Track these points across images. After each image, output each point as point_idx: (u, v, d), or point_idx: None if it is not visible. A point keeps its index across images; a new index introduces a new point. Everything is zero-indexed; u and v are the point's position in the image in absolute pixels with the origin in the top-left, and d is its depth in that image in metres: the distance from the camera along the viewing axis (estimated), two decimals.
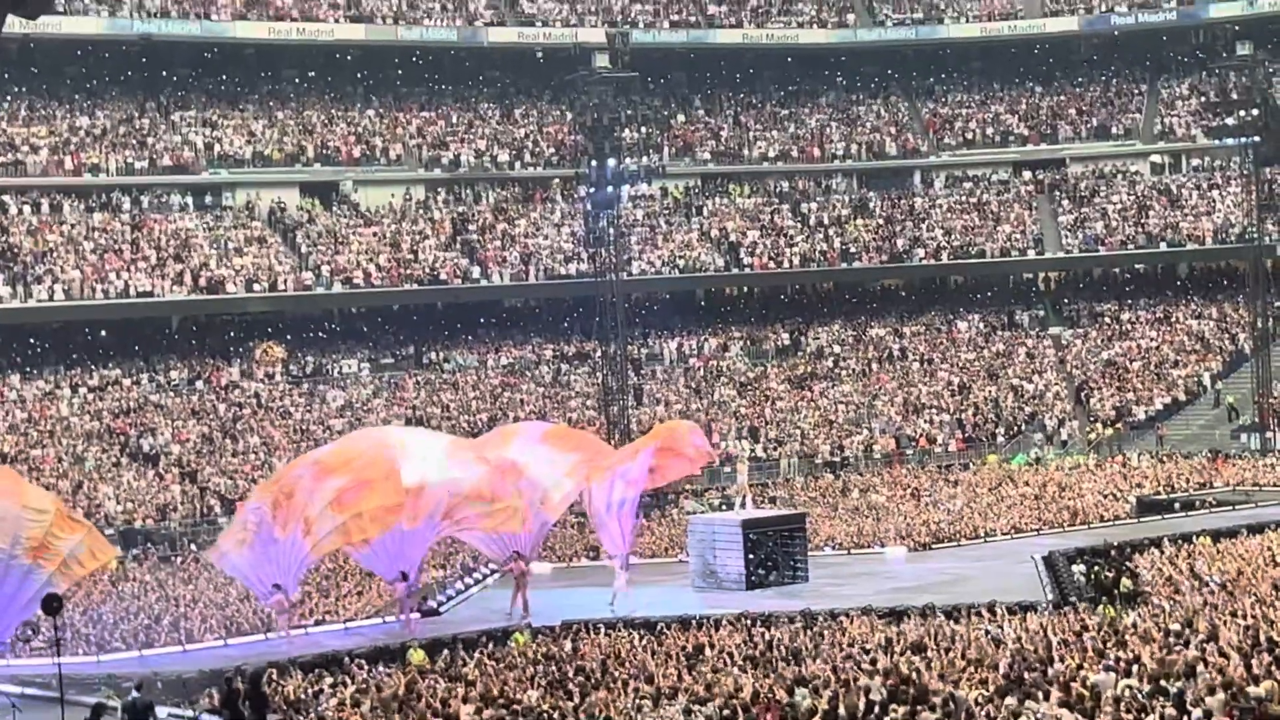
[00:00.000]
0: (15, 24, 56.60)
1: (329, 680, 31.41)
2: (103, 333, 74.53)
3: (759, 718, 23.32)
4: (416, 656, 34.66)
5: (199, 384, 73.09)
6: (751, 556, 44.98)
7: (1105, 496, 57.90)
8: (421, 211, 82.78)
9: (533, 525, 41.42)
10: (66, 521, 32.71)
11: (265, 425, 70.28)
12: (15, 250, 72.13)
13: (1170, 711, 20.86)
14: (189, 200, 79.03)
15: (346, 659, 34.03)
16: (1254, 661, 23.93)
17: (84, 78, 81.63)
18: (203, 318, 76.38)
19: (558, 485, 42.57)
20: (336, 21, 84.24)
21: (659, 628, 36.26)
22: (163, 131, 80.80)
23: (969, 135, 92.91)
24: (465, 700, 26.48)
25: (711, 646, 32.18)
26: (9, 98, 79.01)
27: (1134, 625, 30.03)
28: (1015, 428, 75.58)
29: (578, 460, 43.66)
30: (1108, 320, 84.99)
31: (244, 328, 77.17)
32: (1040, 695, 22.57)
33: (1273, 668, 23.19)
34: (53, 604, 28.36)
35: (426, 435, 48.52)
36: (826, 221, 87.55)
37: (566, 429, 54.39)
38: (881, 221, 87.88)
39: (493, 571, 49.70)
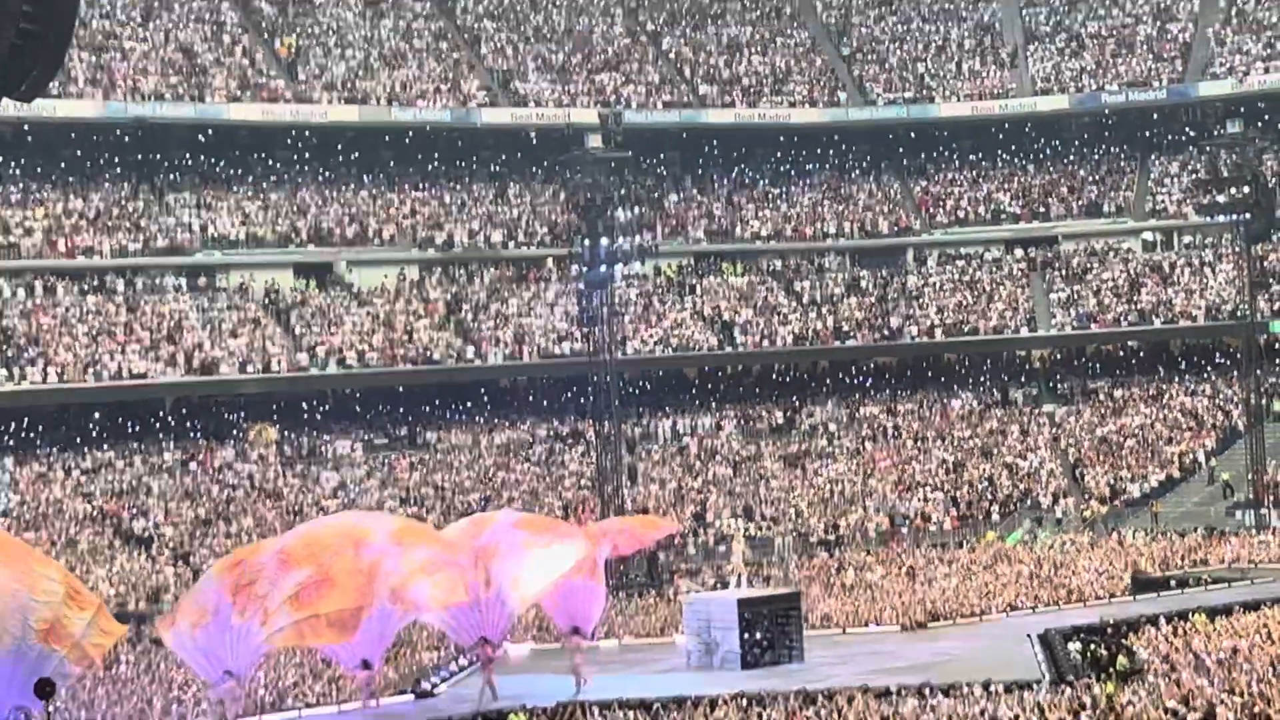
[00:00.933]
0: (10, 107, 56.73)
1: None
2: (96, 415, 74.42)
3: None
4: None
5: (192, 465, 72.93)
6: (747, 636, 44.79)
7: (1101, 574, 57.74)
8: (415, 291, 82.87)
9: (494, 608, 40.61)
10: (76, 597, 32.27)
11: (258, 507, 70.10)
12: (9, 333, 72.14)
13: None
14: (183, 282, 79.12)
15: None
16: None
17: (78, 160, 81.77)
18: (196, 399, 76.30)
19: (528, 573, 41.85)
20: (330, 103, 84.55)
21: (655, 708, 36.09)
22: (157, 213, 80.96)
23: (961, 213, 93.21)
24: None
25: None
26: (3, 181, 79.14)
27: (1131, 703, 29.92)
28: (1010, 505, 75.51)
29: (548, 546, 42.93)
30: (1101, 397, 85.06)
31: (238, 409, 77.11)
32: None
33: None
34: (45, 689, 28.20)
35: (389, 520, 47.59)
36: (819, 299, 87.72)
37: (538, 517, 53.72)
38: (874, 299, 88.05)
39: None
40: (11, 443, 71.41)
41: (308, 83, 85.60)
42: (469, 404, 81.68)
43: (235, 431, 76.21)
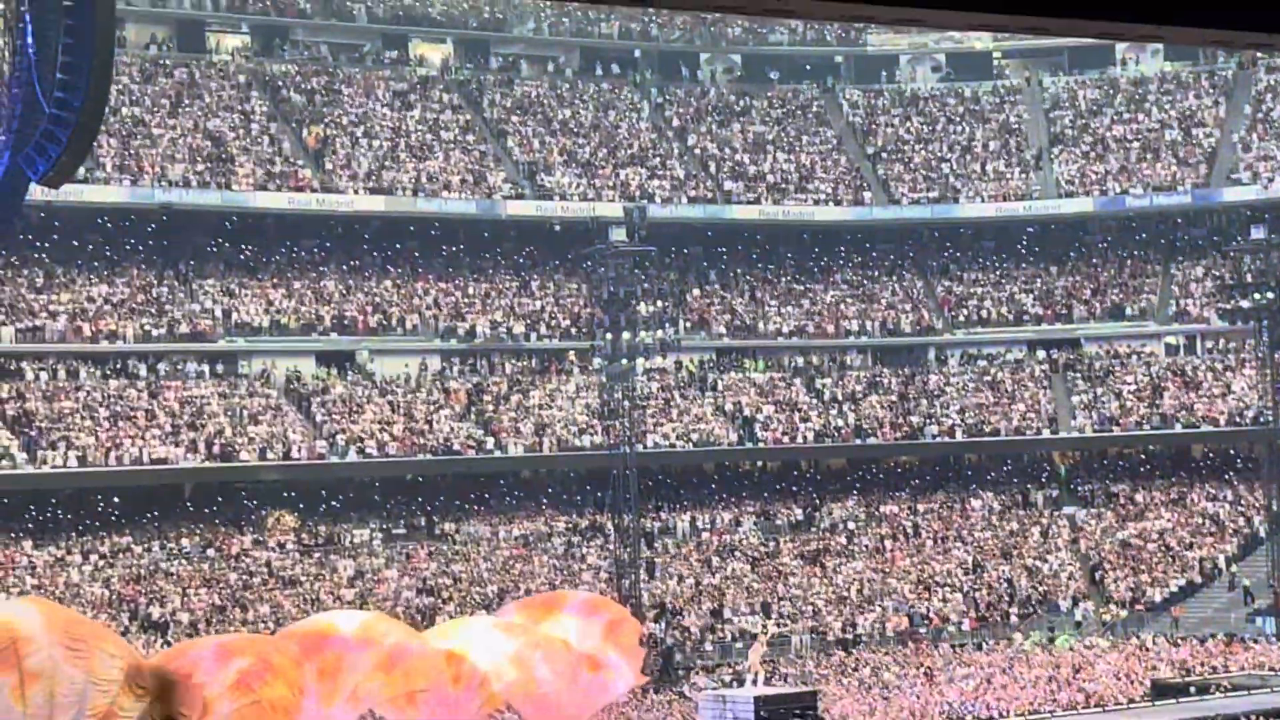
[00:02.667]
0: (38, 192, 57.26)
1: None
2: (115, 499, 74.45)
3: None
4: None
5: (210, 552, 72.89)
6: None
7: (1120, 679, 57.43)
8: (436, 382, 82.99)
9: (466, 710, 39.83)
10: (133, 685, 31.78)
11: (275, 594, 70.01)
12: (30, 416, 72.28)
13: None
14: (205, 368, 79.29)
15: None
16: None
17: (103, 245, 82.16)
18: (216, 485, 76.32)
19: (498, 671, 41.12)
20: (356, 193, 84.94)
21: None
22: (181, 299, 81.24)
23: (984, 313, 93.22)
24: None
25: None
26: (29, 264, 79.49)
27: None
28: (1029, 607, 75.18)
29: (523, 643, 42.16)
30: (1122, 500, 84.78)
31: (257, 496, 77.11)
32: None
33: None
34: None
35: (357, 615, 46.41)
36: (841, 397, 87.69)
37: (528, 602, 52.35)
38: (896, 398, 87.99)
39: None
40: (31, 526, 71.42)
41: (334, 172, 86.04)
42: (488, 495, 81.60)
43: (254, 518, 76.18)
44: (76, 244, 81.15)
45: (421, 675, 36.70)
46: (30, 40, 44.18)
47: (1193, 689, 55.62)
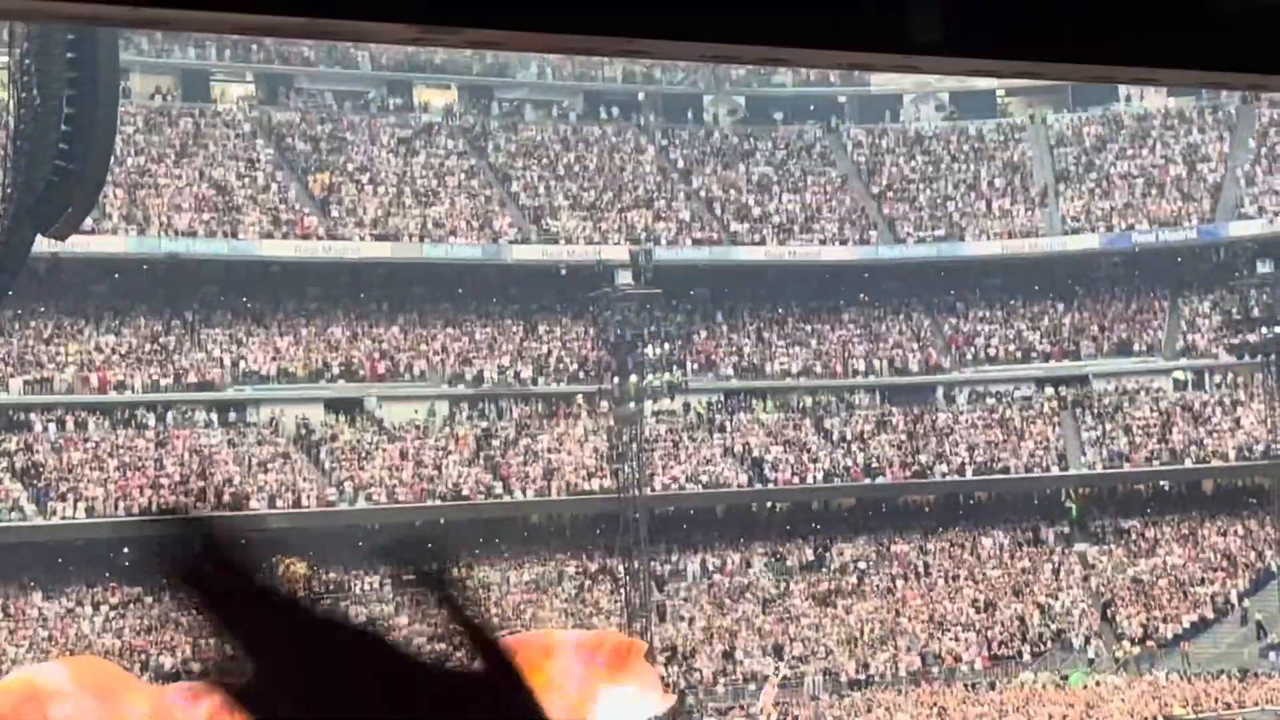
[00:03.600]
0: (44, 244, 57.30)
1: None
2: (125, 550, 74.36)
3: None
4: None
5: None
6: None
7: (1133, 716, 57.26)
8: (445, 428, 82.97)
9: None
10: None
11: None
12: (39, 467, 72.31)
13: None
14: (214, 416, 79.31)
15: None
16: None
17: (110, 295, 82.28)
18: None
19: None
20: (362, 239, 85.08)
21: None
22: (188, 349, 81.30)
23: (991, 351, 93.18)
24: None
25: None
26: (36, 316, 79.60)
27: None
28: (1041, 645, 75.00)
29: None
30: (1133, 537, 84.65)
31: (266, 545, 76.44)
32: None
33: None
34: None
35: None
36: (850, 437, 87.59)
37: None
38: (905, 437, 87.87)
39: None
40: (41, 578, 71.39)
41: (340, 219, 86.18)
42: (497, 540, 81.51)
43: (263, 567, 75.84)
44: (84, 295, 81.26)
45: None
46: (35, 92, 44.31)
47: None
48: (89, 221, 76.53)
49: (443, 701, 2.74)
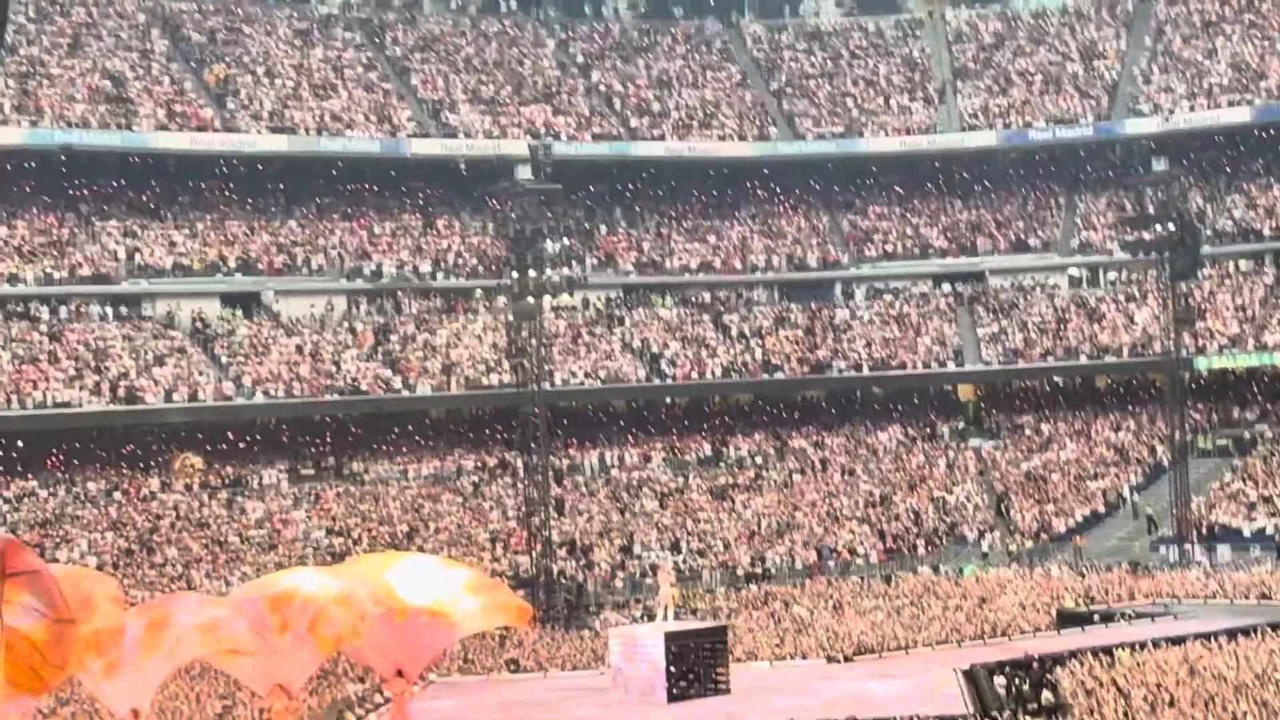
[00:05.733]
0: None
1: None
2: (19, 443, 73.87)
3: None
4: None
5: (117, 495, 72.50)
6: (673, 669, 44.70)
7: (1026, 609, 57.93)
8: (343, 322, 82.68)
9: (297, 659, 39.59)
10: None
11: (184, 537, 69.72)
12: None
13: None
14: (109, 310, 78.65)
15: None
16: None
17: (3, 187, 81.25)
18: (121, 428, 75.83)
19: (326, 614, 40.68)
20: (259, 133, 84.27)
21: None
22: (83, 241, 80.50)
23: (889, 248, 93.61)
24: None
25: None
26: None
27: None
28: (936, 539, 75.75)
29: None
30: (1028, 432, 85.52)
31: (163, 438, 76.68)
32: None
33: None
34: None
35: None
36: (748, 333, 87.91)
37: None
38: (802, 333, 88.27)
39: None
40: None
41: (236, 111, 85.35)
42: (396, 435, 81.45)
43: (160, 461, 75.78)
44: None
45: (240, 639, 36.38)
46: None
47: (1097, 618, 56.13)
48: None
49: None
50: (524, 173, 67.94)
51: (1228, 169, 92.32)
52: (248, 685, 40.22)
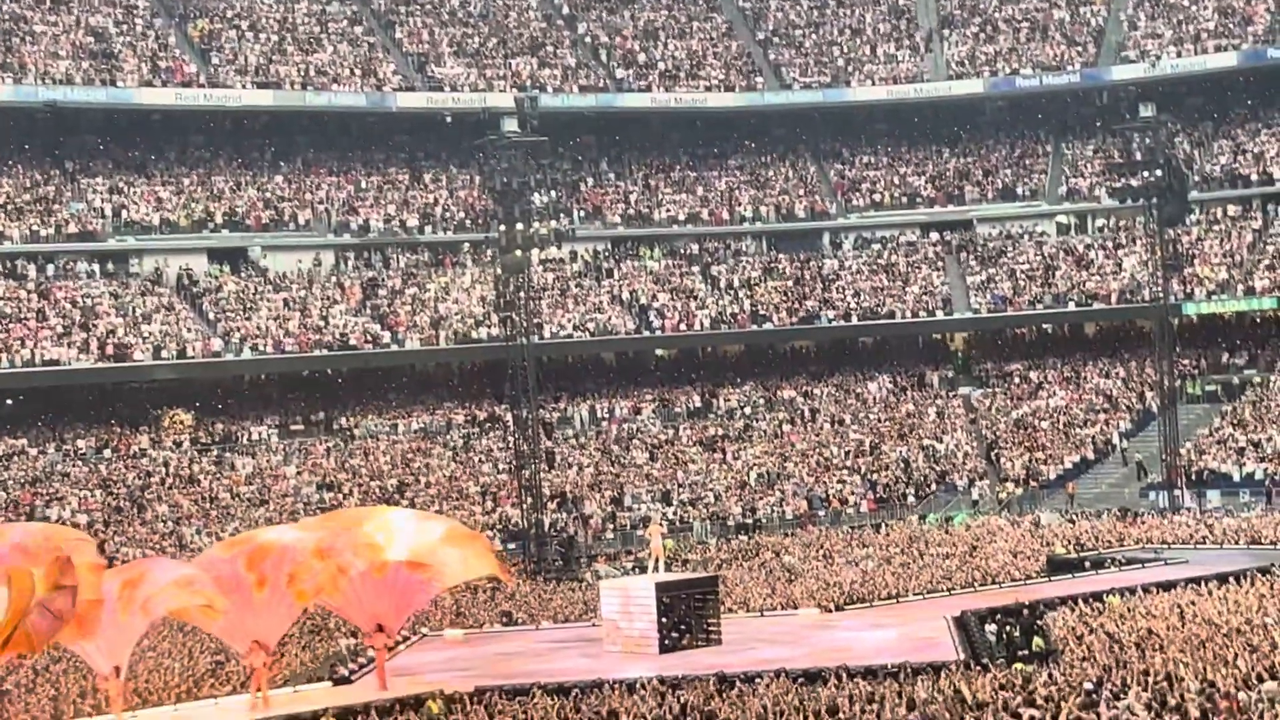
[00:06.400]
0: None
1: None
2: (8, 402, 73.84)
3: None
4: None
5: (106, 452, 72.49)
6: (665, 620, 44.75)
7: (1016, 556, 58.04)
8: (331, 277, 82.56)
9: (274, 613, 39.72)
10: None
11: (174, 493, 69.73)
12: None
13: None
14: (95, 267, 78.53)
15: None
16: (1163, 719, 24.03)
17: None
18: (110, 386, 75.77)
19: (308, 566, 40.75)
20: (244, 87, 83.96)
21: (573, 693, 36.04)
22: (69, 198, 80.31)
23: (877, 197, 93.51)
24: None
25: (625, 711, 32.02)
26: None
27: (1046, 684, 30.08)
28: (926, 488, 75.86)
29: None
30: (1017, 380, 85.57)
31: (152, 395, 76.63)
32: None
33: None
34: None
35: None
36: (736, 284, 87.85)
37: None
38: (791, 283, 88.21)
39: (406, 639, 49.46)
40: None
41: (221, 67, 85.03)
42: (385, 389, 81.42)
43: (149, 418, 75.75)
44: None
45: (213, 594, 36.47)
46: None
47: (1087, 564, 56.23)
48: None
49: None
50: (510, 125, 67.71)
51: (1215, 115, 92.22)
52: (226, 642, 40.23)
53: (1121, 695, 27.11)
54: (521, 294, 68.15)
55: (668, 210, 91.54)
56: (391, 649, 44.44)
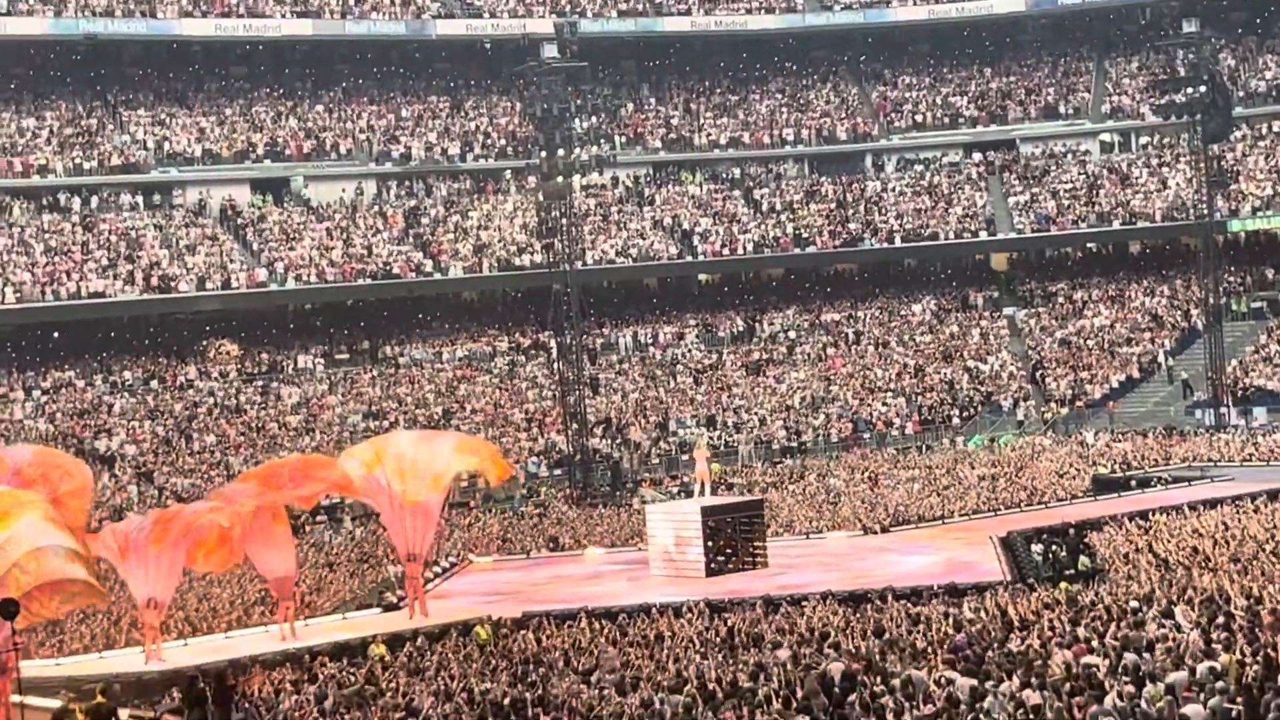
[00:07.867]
0: None
1: (291, 677, 31.37)
2: (55, 334, 74.20)
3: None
4: (378, 650, 34.56)
5: (153, 384, 72.85)
6: (711, 543, 44.95)
7: (1062, 476, 58.05)
8: (373, 206, 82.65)
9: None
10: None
11: (220, 423, 70.08)
12: None
13: (1129, 688, 20.95)
14: (139, 200, 78.75)
15: (308, 656, 33.97)
16: (1211, 636, 24.07)
17: (30, 79, 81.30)
18: (155, 317, 76.10)
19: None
20: (284, 17, 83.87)
21: (619, 617, 36.26)
22: (111, 131, 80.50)
23: (919, 118, 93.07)
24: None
25: (672, 634, 32.21)
26: None
27: (1093, 603, 30.13)
28: (971, 409, 75.81)
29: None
30: (1061, 300, 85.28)
31: (197, 326, 76.94)
32: (1001, 675, 22.63)
33: (1230, 642, 23.32)
34: (9, 609, 27.58)
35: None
36: (779, 207, 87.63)
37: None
38: (833, 206, 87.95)
39: (451, 565, 49.78)
40: None
41: None
42: (430, 318, 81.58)
43: (195, 349, 76.07)
44: (2, 78, 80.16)
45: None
46: None
47: (1133, 483, 56.24)
48: (3, 3, 75.49)
49: None
50: (550, 51, 67.55)
51: (1259, 29, 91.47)
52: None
53: (1169, 614, 27.14)
54: (564, 220, 68.17)
55: (709, 134, 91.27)
56: (435, 577, 44.78)
